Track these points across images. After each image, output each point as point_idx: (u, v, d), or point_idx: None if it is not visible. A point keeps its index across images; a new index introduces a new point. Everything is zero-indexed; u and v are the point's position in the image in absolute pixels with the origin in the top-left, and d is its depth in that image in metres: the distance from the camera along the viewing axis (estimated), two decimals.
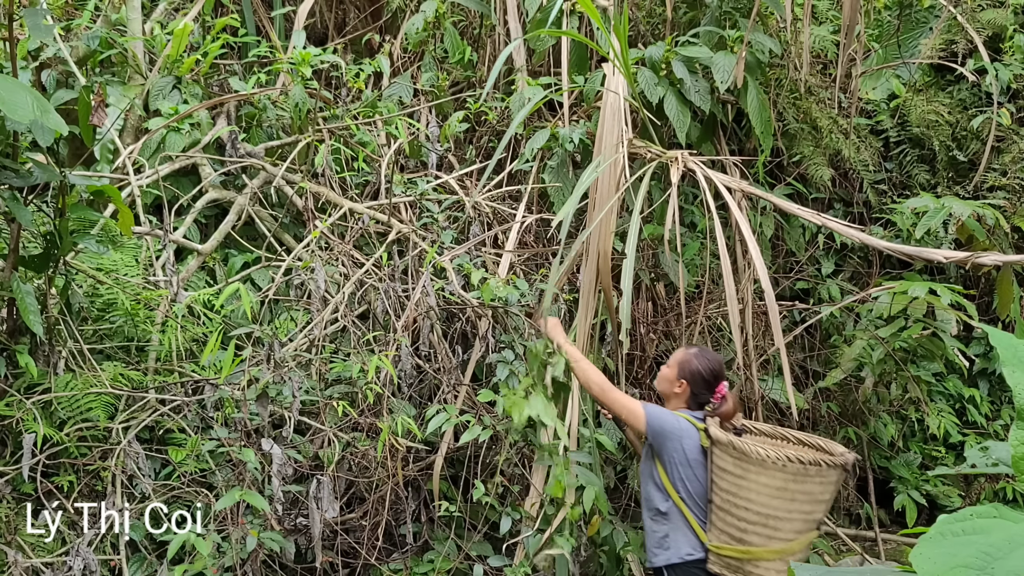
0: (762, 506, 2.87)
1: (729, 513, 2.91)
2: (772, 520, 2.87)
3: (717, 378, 3.15)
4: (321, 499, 3.23)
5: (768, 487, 2.87)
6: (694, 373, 3.14)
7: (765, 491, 2.87)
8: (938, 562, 1.33)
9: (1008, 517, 1.45)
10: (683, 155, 3.80)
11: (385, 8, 5.53)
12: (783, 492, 2.87)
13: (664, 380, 3.23)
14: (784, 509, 2.87)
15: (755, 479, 2.87)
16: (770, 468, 2.86)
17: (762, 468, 2.86)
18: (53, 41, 4.09)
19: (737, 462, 2.90)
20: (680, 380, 3.16)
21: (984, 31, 5.60)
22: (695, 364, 3.15)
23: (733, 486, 2.90)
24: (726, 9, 4.66)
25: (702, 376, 3.13)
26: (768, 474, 2.86)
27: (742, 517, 2.88)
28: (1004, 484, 5.06)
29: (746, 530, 2.88)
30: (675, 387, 3.17)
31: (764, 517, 2.86)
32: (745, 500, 2.88)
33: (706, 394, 3.14)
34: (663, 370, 3.26)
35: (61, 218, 3.13)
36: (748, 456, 2.87)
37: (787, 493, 2.87)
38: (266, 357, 3.34)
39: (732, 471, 2.91)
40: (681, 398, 3.17)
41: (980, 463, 2.29)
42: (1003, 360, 1.62)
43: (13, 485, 3.21)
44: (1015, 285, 4.54)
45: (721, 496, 2.94)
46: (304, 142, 4.31)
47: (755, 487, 2.87)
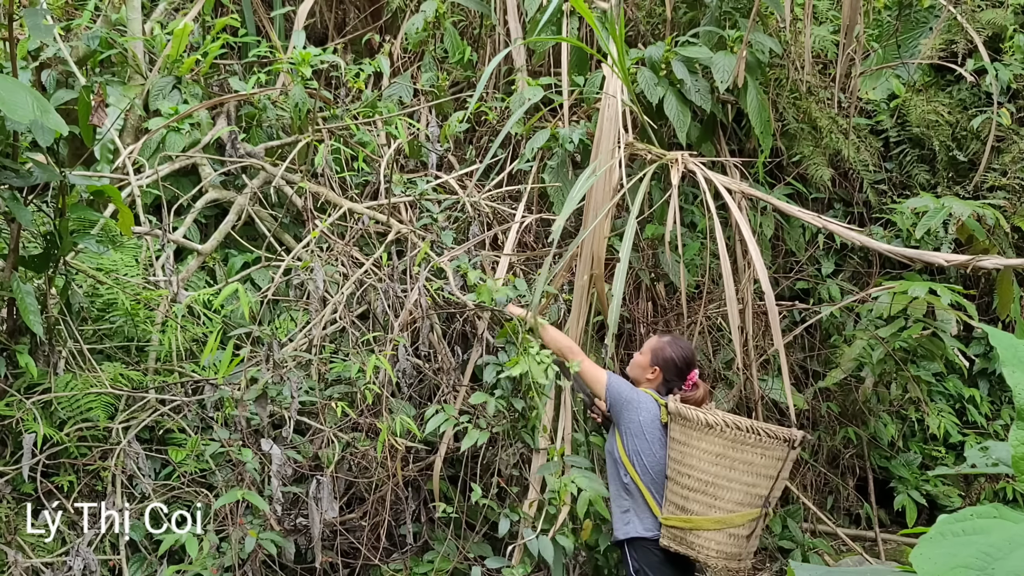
0: (703, 472, 2.96)
1: (676, 482, 3.00)
2: (711, 488, 2.95)
3: (689, 366, 3.23)
4: (321, 499, 3.23)
5: (708, 453, 2.96)
6: (667, 360, 3.21)
7: (706, 457, 2.96)
8: (938, 562, 1.34)
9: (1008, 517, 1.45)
10: (683, 156, 3.80)
11: (385, 8, 5.53)
12: (722, 459, 2.96)
13: (637, 367, 3.30)
14: (724, 477, 2.95)
15: (697, 445, 2.97)
16: (709, 433, 2.95)
17: (702, 433, 2.96)
18: (53, 41, 4.09)
19: (683, 429, 3.00)
20: (653, 367, 3.23)
21: (984, 31, 5.60)
22: (668, 352, 3.22)
23: (679, 454, 3.00)
24: (726, 9, 4.66)
25: (675, 363, 3.21)
26: (708, 439, 2.96)
27: (685, 484, 2.97)
28: (1004, 484, 5.06)
29: (688, 498, 2.97)
30: (648, 373, 3.24)
31: (704, 484, 2.95)
32: (688, 467, 2.98)
33: (677, 381, 3.22)
34: (636, 357, 3.33)
35: (61, 218, 3.13)
36: (690, 421, 2.97)
37: (726, 460, 2.96)
38: (265, 357, 3.34)
39: (679, 439, 3.00)
40: (653, 384, 3.24)
41: (980, 463, 2.30)
42: (1003, 360, 1.62)
43: (13, 485, 3.21)
44: (1015, 285, 4.54)
45: (672, 467, 3.03)
46: (304, 142, 4.30)
47: (697, 453, 2.97)
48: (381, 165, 4.27)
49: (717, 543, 2.92)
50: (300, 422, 3.49)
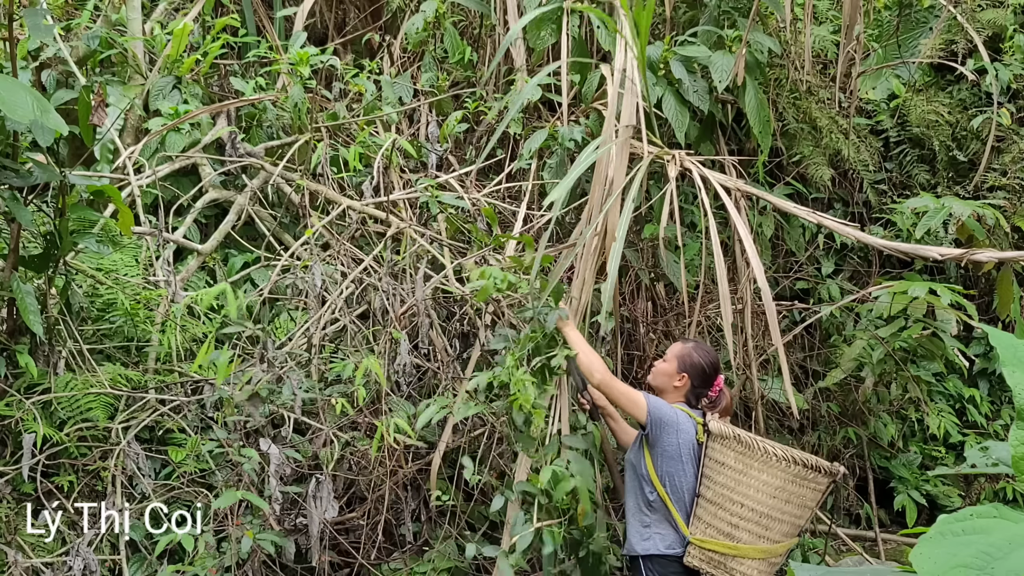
0: (759, 503, 2.89)
1: (722, 508, 2.92)
2: (765, 519, 2.89)
3: (716, 371, 3.15)
4: (320, 499, 3.23)
5: (768, 485, 2.89)
6: (695, 366, 3.12)
7: (765, 488, 2.89)
8: (938, 562, 1.34)
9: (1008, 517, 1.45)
10: (680, 154, 3.80)
11: (385, 8, 5.53)
12: (780, 492, 2.89)
13: (662, 374, 3.19)
14: (779, 509, 2.89)
15: (756, 475, 2.89)
16: (773, 466, 2.87)
17: (765, 465, 2.88)
18: (53, 41, 4.09)
19: (740, 456, 2.90)
20: (681, 373, 3.14)
21: (984, 31, 5.60)
22: (696, 357, 3.13)
23: (731, 480, 2.91)
24: (725, 8, 4.65)
25: (703, 369, 3.12)
26: (771, 472, 2.88)
27: (735, 512, 2.90)
28: (1004, 484, 5.06)
29: (738, 526, 2.90)
30: (675, 381, 3.15)
31: (759, 515, 2.89)
32: (742, 496, 2.90)
33: (704, 388, 3.14)
34: (660, 364, 3.22)
35: (61, 218, 3.13)
36: (753, 451, 2.88)
37: (784, 493, 2.89)
38: (259, 357, 3.34)
39: (733, 466, 2.91)
40: (680, 392, 3.15)
41: (980, 463, 2.30)
42: (1003, 360, 1.63)
43: (13, 485, 3.21)
44: (1015, 285, 4.54)
45: (715, 490, 2.94)
46: (302, 141, 4.30)
47: (755, 484, 2.89)
48: (378, 163, 4.26)
49: (758, 571, 2.87)
50: (300, 421, 3.49)
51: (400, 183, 4.50)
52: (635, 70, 3.80)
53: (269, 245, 4.18)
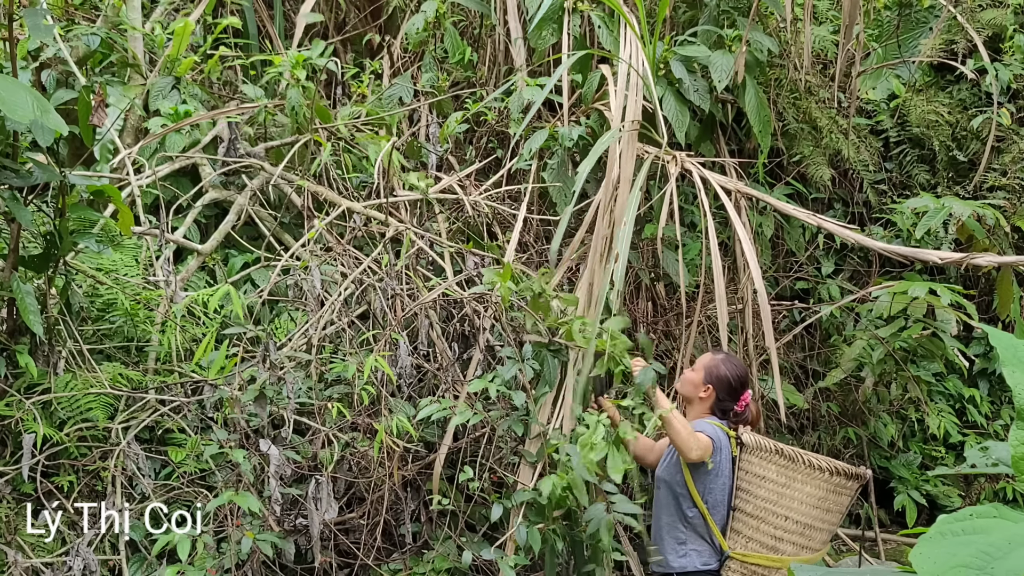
0: (802, 515, 2.90)
1: (764, 521, 2.92)
2: (808, 529, 2.91)
3: (743, 385, 3.11)
4: (320, 500, 3.23)
5: (812, 496, 2.90)
6: (721, 379, 3.10)
7: (808, 500, 2.90)
8: (938, 562, 1.34)
9: (1008, 517, 1.45)
10: (680, 155, 3.80)
11: (385, 8, 5.53)
12: (823, 502, 2.91)
13: (689, 384, 3.17)
14: (820, 519, 2.92)
15: (800, 488, 2.90)
16: (816, 477, 2.88)
17: (808, 477, 2.89)
18: (53, 41, 4.09)
19: (783, 470, 2.90)
20: (707, 385, 3.12)
21: (984, 31, 5.60)
22: (723, 370, 3.11)
23: (774, 494, 2.91)
24: (724, 8, 4.66)
25: (729, 383, 3.09)
26: (814, 483, 2.89)
27: (779, 525, 2.90)
28: (1004, 484, 5.06)
29: (782, 538, 2.90)
30: (700, 392, 3.12)
31: (802, 526, 2.90)
32: (786, 508, 2.90)
33: (730, 402, 3.10)
34: (688, 374, 3.20)
35: (61, 218, 3.13)
36: (796, 464, 2.88)
37: (825, 503, 2.92)
38: (262, 358, 3.34)
39: (775, 479, 2.91)
40: (705, 403, 3.13)
41: (980, 463, 2.30)
42: (1003, 360, 1.62)
43: (13, 485, 3.21)
44: (1015, 285, 4.55)
45: (755, 504, 2.93)
46: (302, 141, 4.30)
47: (799, 496, 2.90)
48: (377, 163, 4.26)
49: None
50: (299, 422, 3.49)
51: (400, 184, 4.49)
52: (644, 65, 3.80)
53: (269, 245, 4.18)
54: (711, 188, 3.89)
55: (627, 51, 3.93)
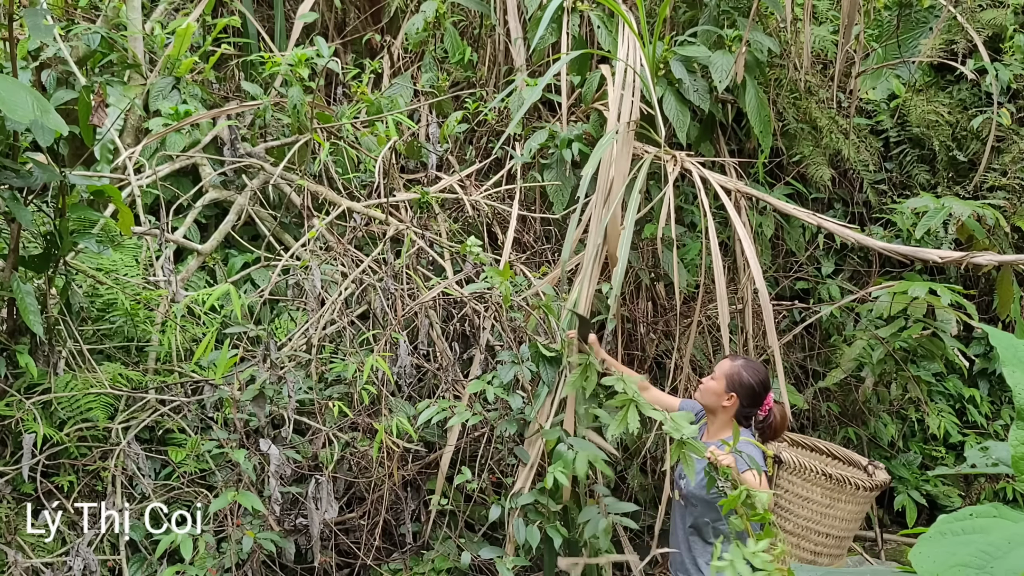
0: (842, 531, 2.93)
1: (805, 539, 2.91)
2: (843, 542, 2.95)
3: (766, 389, 3.03)
4: (320, 499, 3.23)
5: (851, 513, 2.91)
6: (744, 386, 3.00)
7: (848, 516, 2.91)
8: (938, 561, 1.34)
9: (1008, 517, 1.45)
10: (680, 155, 3.80)
11: (385, 8, 5.53)
12: (858, 515, 2.94)
13: (711, 393, 3.06)
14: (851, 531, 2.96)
15: (843, 507, 2.90)
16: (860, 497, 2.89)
17: (853, 498, 2.89)
18: (53, 41, 4.09)
19: (827, 491, 2.88)
20: (729, 393, 3.02)
21: (984, 31, 5.60)
22: (745, 376, 3.01)
23: (816, 514, 2.89)
24: (725, 8, 4.66)
25: (752, 388, 3.00)
26: (855, 501, 2.90)
27: (819, 542, 2.91)
28: (1004, 484, 5.06)
29: (820, 553, 2.92)
30: (724, 400, 3.03)
31: (839, 540, 2.93)
32: (827, 527, 2.90)
33: (753, 408, 3.02)
34: (708, 383, 3.09)
35: (61, 218, 3.13)
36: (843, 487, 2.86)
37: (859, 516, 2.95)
38: (262, 357, 3.34)
39: (819, 500, 2.89)
40: (728, 412, 3.04)
41: (980, 463, 2.30)
42: (1003, 360, 1.62)
43: (13, 485, 3.21)
44: (1015, 285, 4.54)
45: (795, 522, 2.91)
46: (302, 141, 4.30)
47: (841, 515, 2.91)
48: (379, 164, 4.27)
49: None
50: (299, 422, 3.49)
51: (400, 184, 4.50)
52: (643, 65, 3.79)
53: (269, 245, 4.18)
54: (711, 188, 3.89)
55: (626, 51, 3.93)
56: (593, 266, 3.51)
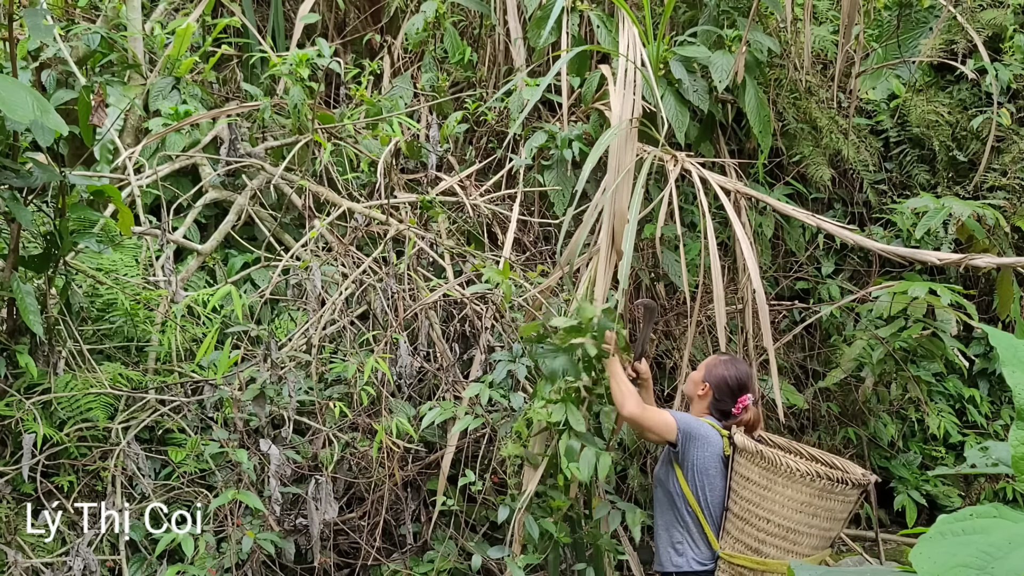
0: (784, 518, 2.89)
1: (748, 523, 2.92)
2: (792, 534, 2.89)
3: (742, 388, 3.15)
4: (320, 500, 3.23)
5: (794, 500, 2.89)
6: (718, 379, 3.15)
7: (790, 504, 2.89)
8: (938, 562, 1.34)
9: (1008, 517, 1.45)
10: (681, 155, 3.80)
11: (385, 8, 5.53)
12: (807, 507, 2.90)
13: (691, 382, 3.27)
14: (805, 524, 2.90)
15: (781, 491, 2.89)
16: (797, 481, 2.87)
17: (789, 481, 2.88)
18: (53, 41, 4.09)
19: (764, 472, 2.90)
20: (704, 383, 3.18)
21: (984, 31, 5.59)
22: (721, 370, 3.17)
23: (756, 496, 2.91)
24: (725, 8, 4.66)
25: (726, 383, 3.14)
26: (795, 487, 2.88)
27: (762, 528, 2.90)
28: (1004, 484, 5.06)
29: (765, 541, 2.90)
30: (699, 389, 3.20)
31: (785, 530, 2.89)
32: (767, 511, 2.90)
33: (728, 402, 3.14)
34: (692, 373, 3.29)
35: (61, 218, 3.13)
36: (776, 467, 2.88)
37: (810, 508, 2.90)
38: (263, 357, 3.34)
39: (757, 481, 2.91)
40: (704, 402, 3.18)
41: (980, 463, 2.30)
42: (1003, 360, 1.62)
43: (13, 485, 3.21)
44: (1015, 285, 4.55)
45: (741, 505, 2.94)
46: (303, 142, 4.30)
47: (780, 499, 2.89)
48: (380, 164, 4.26)
49: None
50: (300, 422, 3.49)
51: (400, 184, 4.50)
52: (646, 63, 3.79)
53: (269, 245, 4.18)
54: (711, 188, 3.89)
55: (627, 48, 3.93)
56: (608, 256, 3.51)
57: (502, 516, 3.37)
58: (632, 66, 3.72)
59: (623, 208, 3.52)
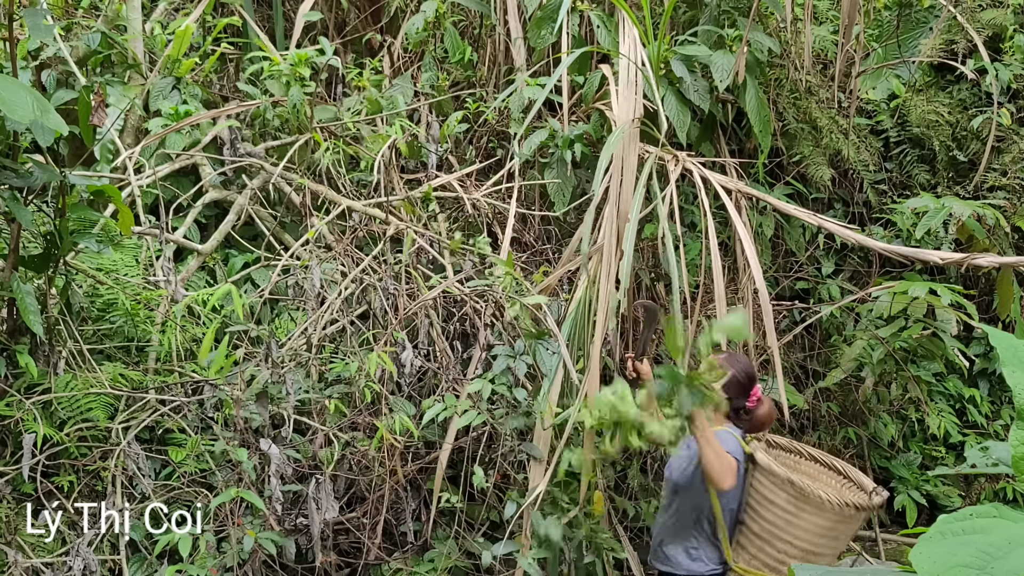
0: (807, 543, 2.88)
1: (769, 544, 2.91)
2: (812, 556, 2.89)
3: (751, 380, 3.07)
4: (320, 499, 3.23)
5: (819, 527, 2.87)
6: (731, 379, 2.99)
7: (814, 530, 2.87)
8: (938, 562, 1.34)
9: (1008, 517, 1.45)
10: (682, 155, 3.80)
11: (385, 8, 5.53)
12: (830, 531, 2.88)
13: None
14: (826, 547, 2.89)
15: (808, 518, 2.86)
16: (825, 510, 2.84)
17: (818, 510, 2.85)
18: (53, 41, 4.09)
19: (791, 500, 2.87)
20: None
21: (984, 31, 5.59)
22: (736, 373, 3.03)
23: (781, 520, 2.89)
24: (725, 8, 4.66)
25: (736, 380, 3.02)
26: (822, 515, 2.86)
27: (783, 550, 2.89)
28: (1004, 484, 5.06)
29: (784, 562, 2.89)
30: None
31: (807, 553, 2.88)
32: (791, 536, 2.88)
33: (742, 399, 3.06)
34: None
35: (61, 218, 3.13)
36: (806, 498, 2.84)
37: (833, 532, 2.89)
38: (264, 356, 3.34)
39: (784, 507, 2.88)
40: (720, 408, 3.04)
41: (980, 463, 2.29)
42: (1003, 360, 1.62)
43: (13, 485, 3.21)
44: (1015, 285, 4.54)
45: (762, 525, 2.92)
46: (303, 140, 4.30)
47: (805, 525, 2.87)
48: (379, 164, 4.26)
49: None
50: (300, 422, 3.49)
51: (400, 183, 4.50)
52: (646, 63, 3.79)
53: (269, 245, 4.18)
54: (711, 188, 3.89)
55: (628, 49, 3.93)
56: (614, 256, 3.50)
57: (509, 512, 3.37)
58: (633, 67, 3.72)
59: (625, 208, 3.52)
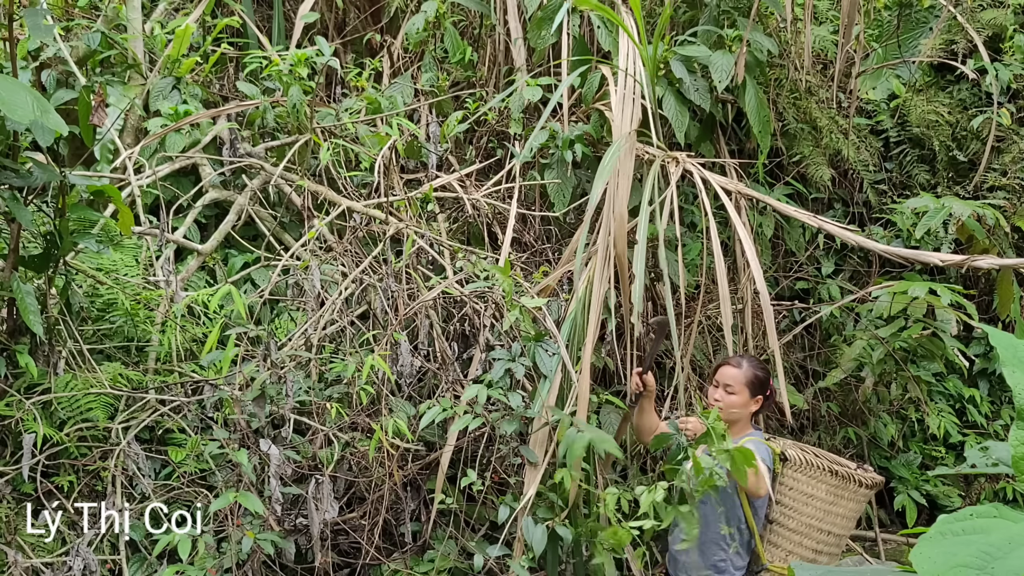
0: (843, 529, 2.95)
1: (807, 536, 2.93)
2: (842, 540, 2.97)
3: (768, 374, 3.15)
4: (320, 499, 3.23)
5: (852, 511, 2.94)
6: (757, 381, 3.08)
7: (850, 515, 2.94)
8: (938, 562, 1.34)
9: (1008, 517, 1.45)
10: (682, 156, 3.80)
11: (385, 8, 5.53)
12: (857, 513, 2.97)
13: (736, 407, 3.07)
14: (849, 530, 2.98)
15: (846, 504, 2.92)
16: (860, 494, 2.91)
17: (855, 495, 2.91)
18: (53, 41, 4.09)
19: (832, 489, 2.91)
20: (756, 396, 3.10)
21: (984, 31, 5.59)
22: (759, 374, 3.10)
23: (820, 511, 2.92)
24: (725, 8, 4.66)
25: (767, 380, 3.10)
26: (857, 500, 2.93)
27: (822, 540, 2.93)
28: (1004, 484, 5.06)
29: (821, 551, 2.94)
30: (752, 406, 3.10)
31: (839, 538, 2.95)
32: (830, 524, 2.93)
33: (770, 397, 3.13)
34: (729, 399, 3.07)
35: (61, 218, 3.13)
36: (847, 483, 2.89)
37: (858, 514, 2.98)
38: (263, 357, 3.34)
39: (823, 497, 2.92)
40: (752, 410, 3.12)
41: (980, 463, 2.30)
42: (1003, 360, 1.62)
43: (13, 485, 3.21)
44: (1015, 285, 4.55)
45: (799, 520, 2.94)
46: (302, 141, 4.30)
47: (843, 511, 2.93)
48: (379, 164, 4.26)
49: None
50: (300, 422, 3.49)
51: (400, 184, 4.50)
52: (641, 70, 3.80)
53: (269, 245, 4.18)
54: (711, 188, 3.89)
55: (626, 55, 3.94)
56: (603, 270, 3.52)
57: (502, 516, 3.37)
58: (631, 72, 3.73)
59: (623, 211, 3.52)
